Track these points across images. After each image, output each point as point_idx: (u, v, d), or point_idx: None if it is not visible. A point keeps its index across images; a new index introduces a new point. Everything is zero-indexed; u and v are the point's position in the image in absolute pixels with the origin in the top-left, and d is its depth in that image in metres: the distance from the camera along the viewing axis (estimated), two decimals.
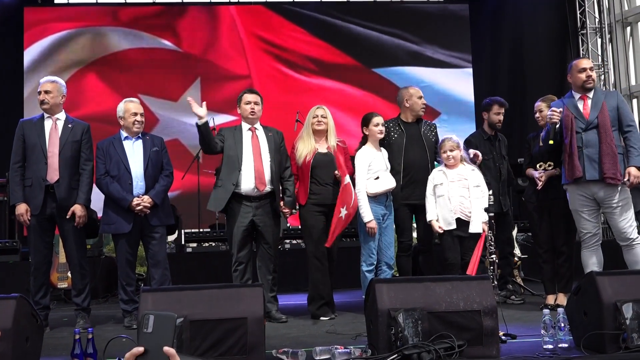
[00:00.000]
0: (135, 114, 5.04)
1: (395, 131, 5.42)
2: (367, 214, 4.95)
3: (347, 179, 4.95)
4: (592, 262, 4.82)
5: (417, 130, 5.47)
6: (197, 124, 4.92)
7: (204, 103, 4.92)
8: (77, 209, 4.85)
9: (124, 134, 5.07)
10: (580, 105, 4.81)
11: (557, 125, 4.77)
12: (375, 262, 5.03)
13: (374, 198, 5.01)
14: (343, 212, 4.91)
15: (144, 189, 4.97)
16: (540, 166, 5.22)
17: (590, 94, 4.84)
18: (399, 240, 5.33)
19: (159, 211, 5.00)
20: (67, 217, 4.82)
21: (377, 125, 5.15)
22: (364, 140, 5.23)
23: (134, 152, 5.02)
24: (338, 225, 4.95)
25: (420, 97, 5.50)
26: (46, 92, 4.95)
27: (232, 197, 4.98)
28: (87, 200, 4.94)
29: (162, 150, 5.14)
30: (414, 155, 5.34)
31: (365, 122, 5.17)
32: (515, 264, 6.27)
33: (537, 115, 5.34)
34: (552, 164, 5.17)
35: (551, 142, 4.78)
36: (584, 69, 4.86)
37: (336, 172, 5.03)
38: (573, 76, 4.93)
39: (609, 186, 4.67)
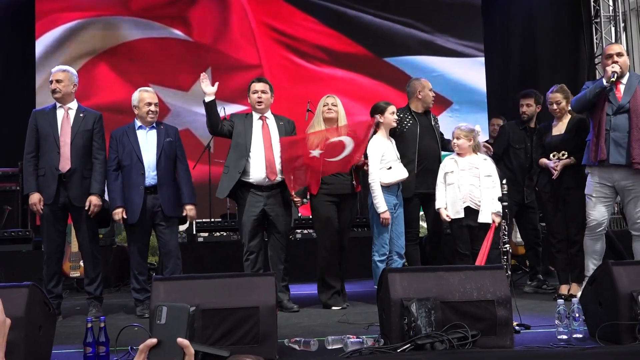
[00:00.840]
0: (150, 104, 5.03)
1: (407, 120, 5.40)
2: (382, 205, 4.93)
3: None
4: (594, 250, 4.81)
5: (428, 121, 5.50)
6: (204, 100, 4.89)
7: (217, 83, 4.89)
8: (93, 198, 4.88)
9: (138, 123, 5.08)
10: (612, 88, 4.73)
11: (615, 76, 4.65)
12: (387, 253, 5.01)
13: (386, 188, 4.99)
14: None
15: (155, 179, 4.97)
16: (554, 155, 5.18)
17: (624, 79, 4.75)
18: (407, 230, 5.32)
19: (171, 201, 5.00)
20: (86, 208, 4.83)
21: (393, 113, 5.14)
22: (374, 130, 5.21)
23: (147, 142, 5.02)
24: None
25: (431, 90, 5.53)
26: (58, 81, 4.96)
27: (243, 186, 4.98)
28: (101, 190, 4.97)
29: (176, 140, 5.13)
30: (427, 145, 5.35)
31: (380, 110, 5.14)
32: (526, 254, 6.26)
33: (555, 107, 5.24)
34: (565, 153, 5.13)
35: (613, 80, 4.63)
36: (610, 56, 4.78)
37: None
38: (602, 62, 4.89)
39: (634, 173, 4.60)
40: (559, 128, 5.24)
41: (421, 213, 5.74)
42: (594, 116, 4.74)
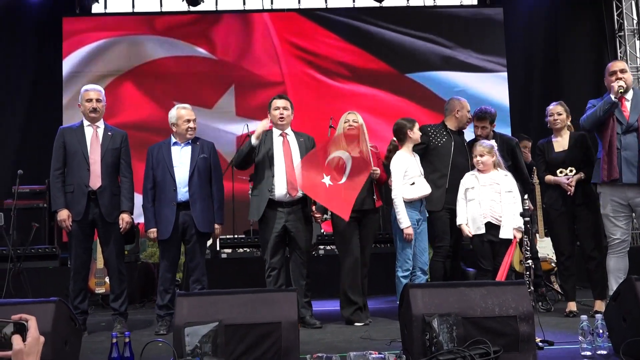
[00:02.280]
0: (189, 121, 5.12)
1: (442, 136, 5.45)
2: (405, 220, 4.94)
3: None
4: (618, 268, 4.77)
5: (462, 141, 5.53)
6: (251, 141, 4.99)
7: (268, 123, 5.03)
8: (125, 216, 5.00)
9: (173, 139, 5.16)
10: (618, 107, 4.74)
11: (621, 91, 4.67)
12: (411, 268, 5.01)
13: (409, 204, 5.00)
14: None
15: (187, 196, 5.03)
16: (561, 172, 5.19)
17: (629, 95, 4.76)
18: (436, 244, 5.33)
19: (205, 217, 5.07)
20: (120, 225, 4.95)
21: (417, 129, 5.18)
22: (393, 146, 5.24)
23: (181, 158, 5.10)
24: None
25: (469, 111, 5.56)
26: (98, 100, 5.07)
27: None
28: (132, 207, 5.07)
29: (211, 157, 5.19)
30: (459, 162, 5.37)
31: (410, 126, 5.14)
32: (552, 270, 6.22)
33: (556, 118, 5.26)
34: (573, 169, 5.14)
35: (619, 95, 4.66)
36: (614, 72, 4.80)
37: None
38: (606, 79, 4.87)
39: None
40: (561, 144, 5.28)
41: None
42: (603, 134, 4.74)
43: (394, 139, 5.29)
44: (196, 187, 5.04)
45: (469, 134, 5.84)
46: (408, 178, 5.03)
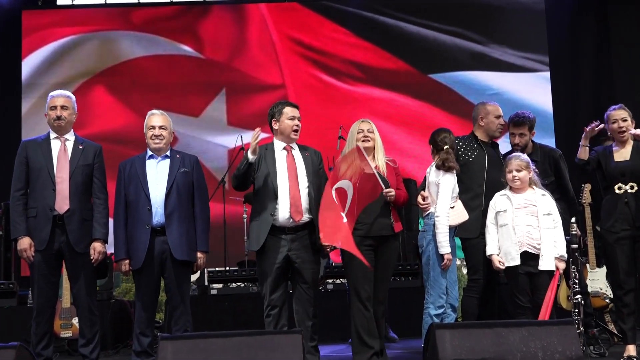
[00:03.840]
0: (153, 127, 5.16)
1: (472, 149, 5.48)
2: (447, 245, 4.98)
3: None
4: None
5: (496, 154, 5.56)
6: (248, 158, 4.96)
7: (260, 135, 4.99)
8: (98, 245, 5.03)
9: (149, 152, 5.21)
10: None
11: None
12: (445, 305, 5.03)
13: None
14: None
15: (163, 217, 5.06)
16: (619, 188, 5.22)
17: None
18: (470, 277, 5.35)
19: (183, 242, 5.08)
20: (91, 256, 4.99)
21: None
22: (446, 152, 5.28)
23: (157, 174, 5.14)
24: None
25: (498, 117, 5.58)
26: (63, 107, 5.11)
27: None
28: (105, 235, 5.10)
29: (193, 171, 5.24)
30: (496, 179, 5.36)
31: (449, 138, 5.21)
32: (606, 307, 6.23)
33: (621, 125, 5.30)
34: (634, 185, 5.17)
35: None
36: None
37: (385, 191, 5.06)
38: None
39: None
40: (622, 154, 5.31)
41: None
42: None
43: (447, 146, 5.27)
44: (174, 206, 5.07)
45: (504, 146, 5.88)
46: (453, 199, 5.09)
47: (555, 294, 4.54)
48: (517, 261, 4.96)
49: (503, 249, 5.04)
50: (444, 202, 5.03)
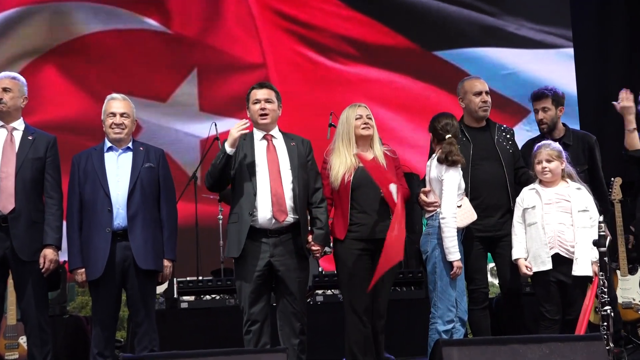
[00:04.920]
0: (113, 114, 5.12)
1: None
2: (457, 250, 4.99)
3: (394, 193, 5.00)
4: None
5: (488, 139, 5.54)
6: (225, 150, 4.97)
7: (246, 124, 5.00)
8: (49, 252, 5.00)
9: (107, 143, 5.19)
10: None
11: None
12: (454, 318, 5.04)
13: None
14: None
15: (125, 219, 5.04)
16: None
17: None
18: (468, 287, 5.36)
19: (148, 249, 5.07)
20: (41, 265, 4.94)
21: None
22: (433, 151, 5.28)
23: (118, 169, 5.11)
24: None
25: (478, 93, 5.56)
26: (5, 89, 5.08)
27: None
28: (59, 241, 5.07)
29: (159, 167, 5.22)
30: (486, 172, 5.38)
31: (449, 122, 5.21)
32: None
33: None
34: None
35: None
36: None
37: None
38: None
39: None
40: None
41: (491, 265, 5.76)
42: None
43: (449, 135, 5.25)
44: (138, 206, 5.05)
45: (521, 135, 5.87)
46: (459, 197, 5.09)
47: (592, 304, 4.54)
48: (547, 265, 4.97)
49: (531, 251, 5.05)
50: (449, 202, 5.03)
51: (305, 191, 5.11)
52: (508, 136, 5.62)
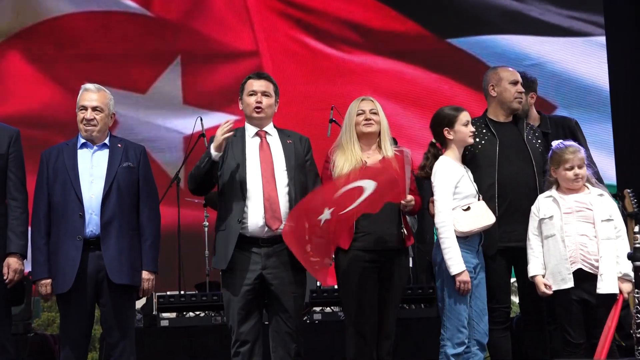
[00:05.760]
0: (84, 109, 5.09)
1: (481, 135, 5.44)
2: (457, 262, 4.94)
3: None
4: None
5: (517, 134, 5.53)
6: (211, 154, 4.95)
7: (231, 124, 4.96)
8: (13, 262, 4.97)
9: (81, 139, 5.17)
10: None
11: None
12: (466, 341, 5.02)
13: (463, 239, 5.03)
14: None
15: (99, 226, 5.01)
16: None
17: None
18: (491, 306, 5.33)
19: (123, 260, 5.03)
20: (5, 276, 4.93)
21: (467, 124, 5.18)
22: (434, 150, 5.25)
23: (92, 168, 5.09)
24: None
25: (515, 83, 5.55)
26: None
27: None
28: (24, 248, 5.04)
29: (139, 166, 5.19)
30: (513, 173, 5.36)
31: (447, 120, 5.18)
32: None
33: None
34: None
35: None
36: None
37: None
38: None
39: None
40: None
41: (512, 280, 5.74)
42: None
43: (434, 140, 5.31)
44: (114, 211, 5.01)
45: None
46: (461, 198, 5.06)
47: (616, 325, 4.52)
48: (568, 283, 4.94)
49: (550, 267, 5.03)
50: (442, 205, 5.02)
51: (303, 195, 5.08)
52: (537, 134, 5.62)
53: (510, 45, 9.83)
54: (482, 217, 5.07)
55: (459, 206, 5.03)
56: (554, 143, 5.22)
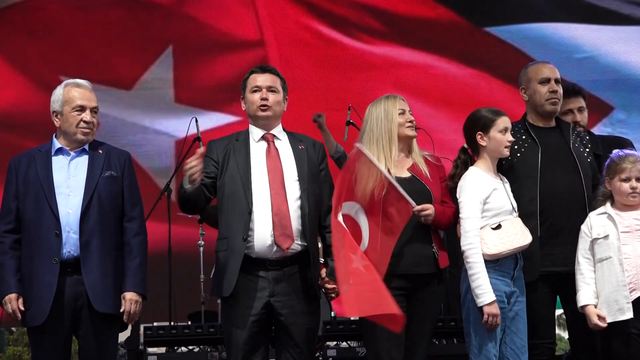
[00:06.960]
0: (82, 109, 5.11)
1: (521, 142, 5.45)
2: (485, 291, 4.94)
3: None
4: None
5: (561, 142, 5.53)
6: (185, 189, 4.94)
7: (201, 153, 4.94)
8: None
9: (57, 143, 5.18)
10: None
11: None
12: None
13: (493, 263, 5.03)
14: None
15: (78, 246, 5.01)
16: None
17: None
18: (532, 341, 5.34)
19: (107, 286, 5.05)
20: None
21: (505, 130, 5.18)
22: (465, 156, 5.27)
23: (69, 179, 5.10)
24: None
25: (545, 81, 5.55)
26: None
27: None
28: None
29: (124, 175, 5.21)
30: (558, 186, 5.36)
31: (482, 123, 5.19)
32: None
33: None
34: None
35: None
36: None
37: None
38: None
39: None
40: None
41: (559, 312, 5.75)
42: None
43: (465, 145, 5.31)
44: (94, 228, 5.03)
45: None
46: (491, 215, 5.06)
47: None
48: (627, 314, 4.94)
49: (604, 295, 5.03)
50: (468, 223, 5.03)
51: (317, 210, 5.12)
52: (584, 142, 5.62)
53: (559, 34, 9.85)
54: (515, 236, 5.05)
55: (488, 224, 5.04)
56: (614, 152, 5.23)
